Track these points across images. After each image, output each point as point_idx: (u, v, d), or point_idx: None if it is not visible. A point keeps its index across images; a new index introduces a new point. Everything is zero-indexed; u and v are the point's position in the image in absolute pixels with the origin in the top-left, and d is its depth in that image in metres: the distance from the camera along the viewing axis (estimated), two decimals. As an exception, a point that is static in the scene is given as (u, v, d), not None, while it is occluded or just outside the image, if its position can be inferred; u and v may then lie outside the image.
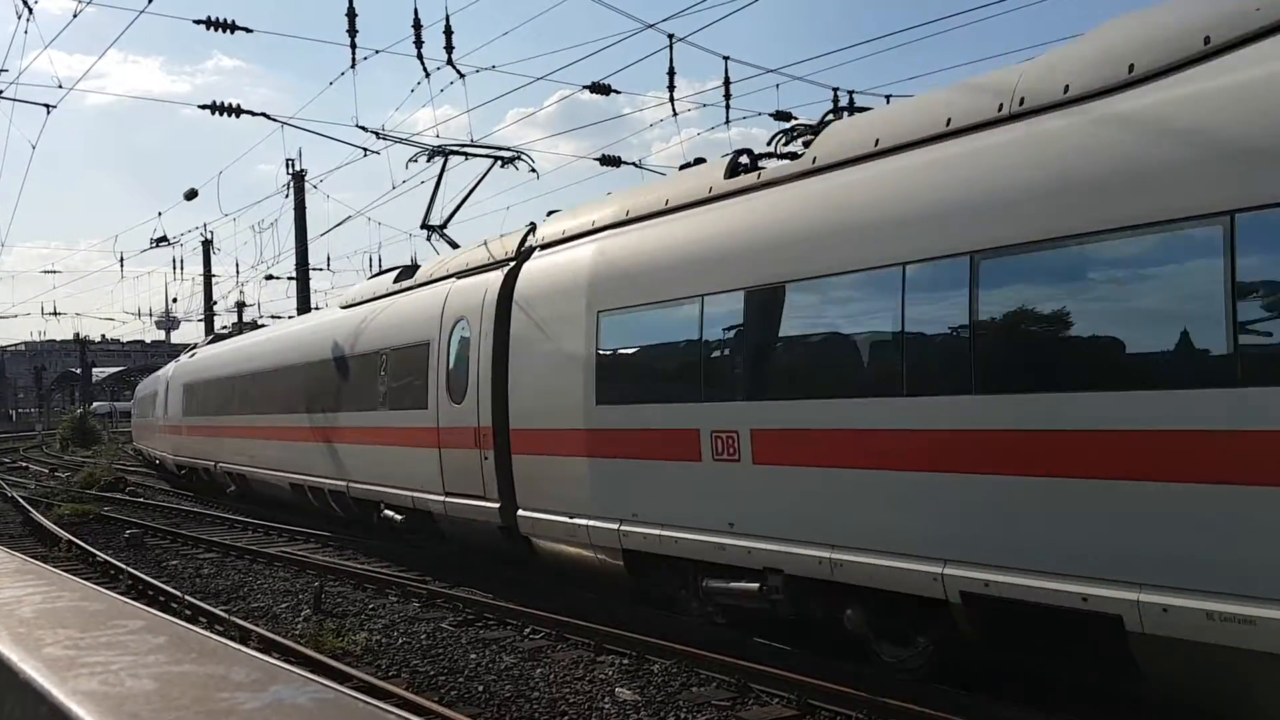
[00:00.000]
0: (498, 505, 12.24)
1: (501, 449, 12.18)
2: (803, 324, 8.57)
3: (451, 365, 13.44)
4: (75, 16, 15.49)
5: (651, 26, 13.96)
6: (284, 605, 12.48)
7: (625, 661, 9.38)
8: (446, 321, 13.62)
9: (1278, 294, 5.43)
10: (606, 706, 8.19)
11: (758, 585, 8.70)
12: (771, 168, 9.35)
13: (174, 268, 47.88)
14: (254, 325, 39.41)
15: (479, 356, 12.63)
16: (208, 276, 47.69)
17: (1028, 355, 6.75)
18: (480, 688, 8.79)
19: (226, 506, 23.65)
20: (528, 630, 10.74)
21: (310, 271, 37.12)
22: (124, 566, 14.82)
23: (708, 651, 9.04)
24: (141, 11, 14.45)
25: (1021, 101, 6.97)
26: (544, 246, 12.30)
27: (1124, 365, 6.17)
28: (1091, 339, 6.42)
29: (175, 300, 61.03)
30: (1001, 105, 7.06)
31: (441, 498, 13.57)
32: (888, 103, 17.35)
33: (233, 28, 15.92)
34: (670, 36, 14.15)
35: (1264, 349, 5.48)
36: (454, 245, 16.45)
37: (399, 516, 15.05)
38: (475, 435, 12.62)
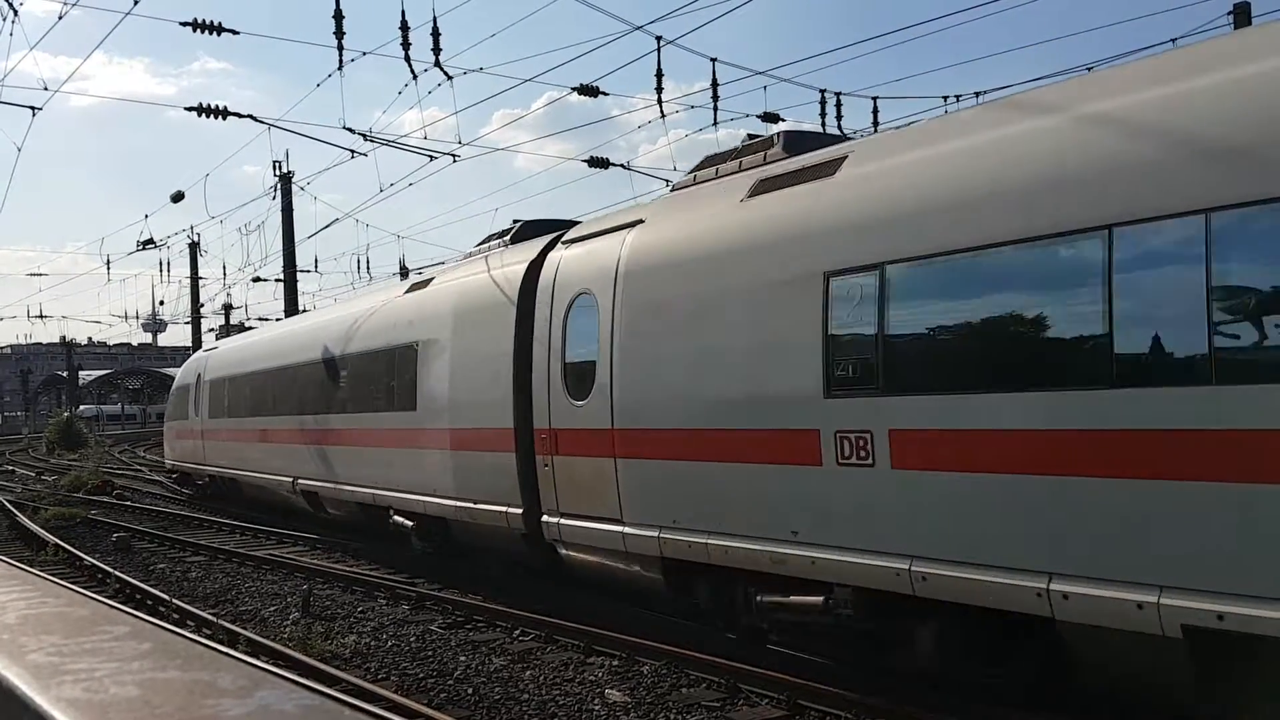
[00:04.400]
0: None
1: None
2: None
3: None
4: (60, 18, 15.43)
5: (640, 29, 13.98)
6: (272, 608, 12.44)
7: (615, 663, 9.38)
8: None
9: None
10: (596, 708, 8.19)
11: None
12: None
13: (161, 270, 47.45)
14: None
15: None
16: (194, 279, 47.56)
17: None
18: (470, 690, 8.78)
19: (213, 509, 23.56)
20: (517, 632, 10.73)
21: (298, 273, 37.04)
22: (111, 570, 14.74)
23: (697, 652, 9.05)
24: (128, 13, 14.45)
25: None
26: None
27: None
28: None
29: (162, 303, 60.90)
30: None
31: None
32: (874, 104, 17.33)
33: (219, 29, 15.87)
34: (658, 39, 14.16)
35: None
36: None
37: None
38: None
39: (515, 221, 13.88)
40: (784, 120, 18.41)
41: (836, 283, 7.58)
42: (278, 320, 33.92)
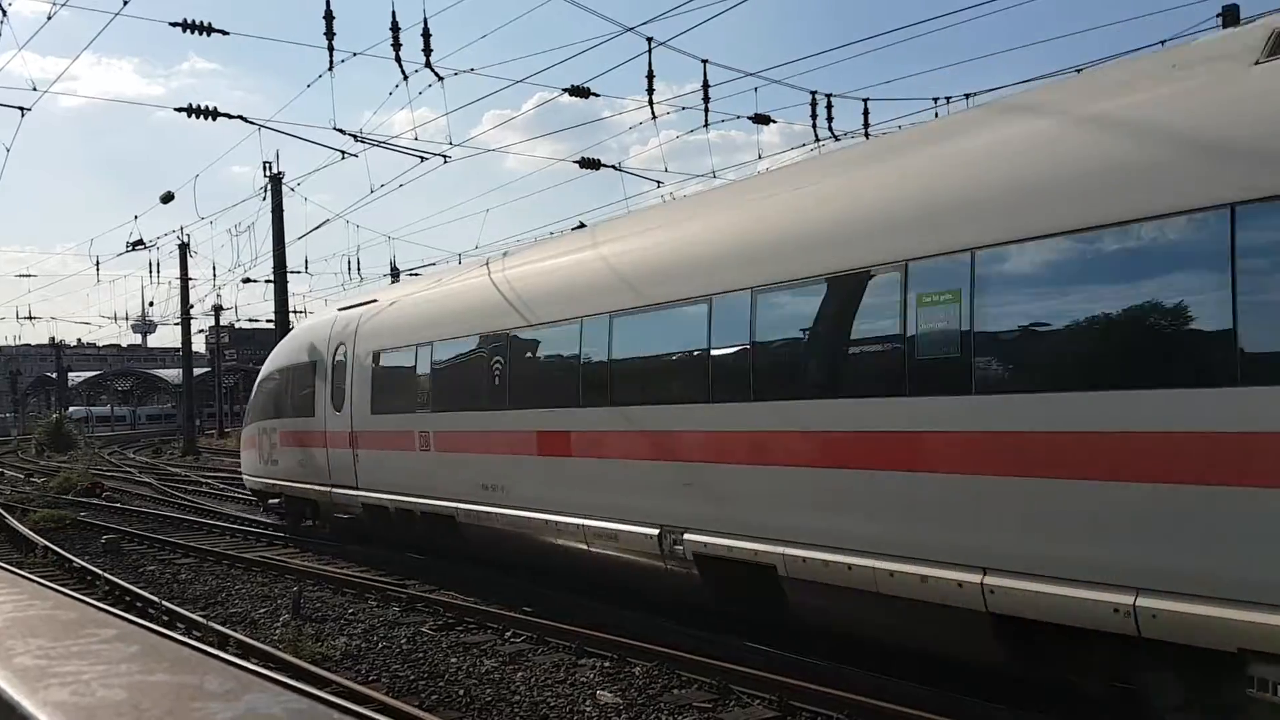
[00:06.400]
0: None
1: None
2: None
3: None
4: (49, 19, 15.37)
5: (631, 30, 13.97)
6: (262, 610, 12.41)
7: (606, 664, 9.38)
8: None
9: None
10: (588, 709, 8.18)
11: None
12: None
13: (150, 271, 47.62)
14: None
15: None
16: (184, 280, 47.43)
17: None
18: (461, 692, 8.77)
19: (204, 512, 23.48)
20: (509, 634, 10.72)
21: (288, 275, 36.95)
22: (100, 572, 14.69)
23: (689, 653, 9.05)
24: (117, 14, 14.36)
25: None
26: None
27: None
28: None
29: (152, 304, 60.87)
30: None
31: None
32: (865, 106, 17.36)
33: (209, 30, 15.83)
34: (649, 40, 14.15)
35: None
36: None
37: None
38: None
39: None
40: (775, 121, 18.43)
41: None
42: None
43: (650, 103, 14.95)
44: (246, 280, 39.91)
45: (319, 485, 17.06)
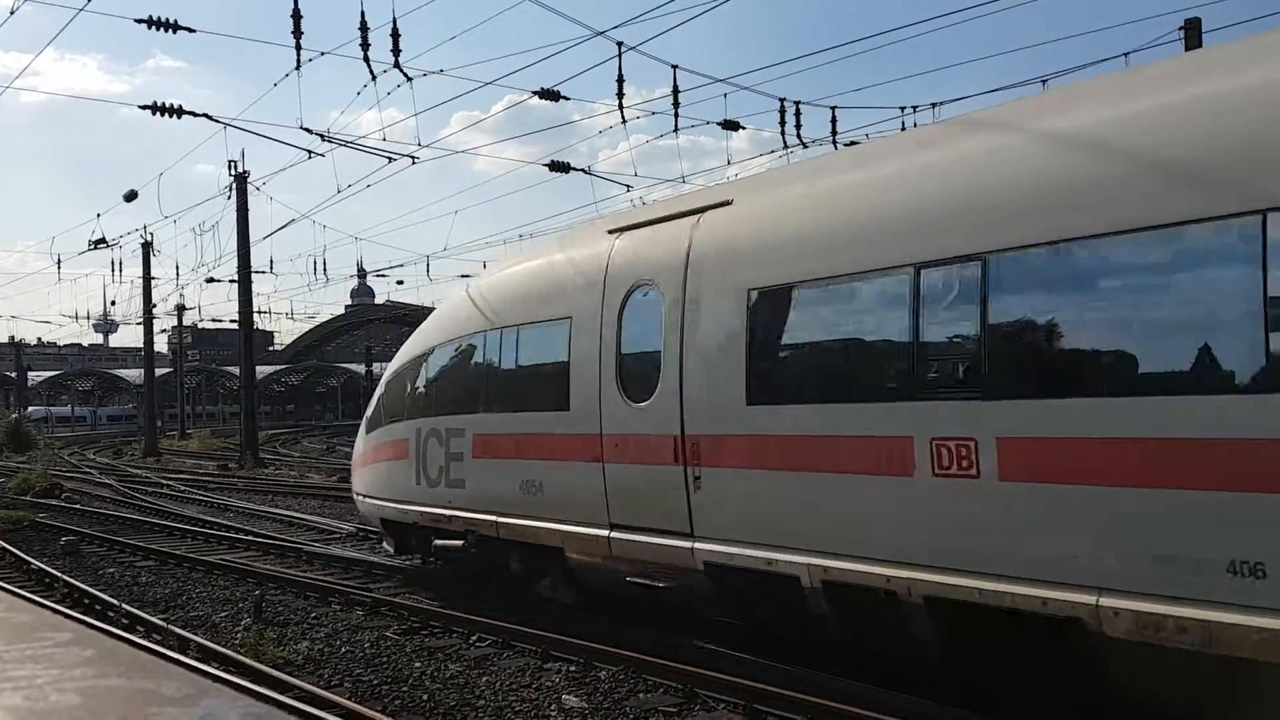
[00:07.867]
0: None
1: None
2: None
3: None
4: (12, 13, 15.19)
5: (601, 34, 14.00)
6: (224, 614, 12.27)
7: (572, 669, 9.35)
8: None
9: None
10: (553, 714, 8.16)
11: None
12: None
13: (112, 270, 47.03)
14: None
15: None
16: (147, 279, 47.00)
17: None
18: (425, 696, 8.71)
19: (165, 514, 23.21)
20: (474, 638, 10.66)
21: (253, 274, 36.66)
22: (59, 574, 14.48)
23: (655, 658, 9.04)
24: (81, 9, 14.22)
25: None
26: None
27: None
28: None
29: (114, 303, 60.31)
30: None
31: None
32: (833, 114, 17.54)
33: (175, 27, 15.70)
34: (619, 44, 14.18)
35: None
36: None
37: None
38: None
39: None
40: (744, 127, 18.53)
41: None
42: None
43: (620, 107, 15.01)
44: (210, 280, 39.74)
45: (578, 526, 10.19)
